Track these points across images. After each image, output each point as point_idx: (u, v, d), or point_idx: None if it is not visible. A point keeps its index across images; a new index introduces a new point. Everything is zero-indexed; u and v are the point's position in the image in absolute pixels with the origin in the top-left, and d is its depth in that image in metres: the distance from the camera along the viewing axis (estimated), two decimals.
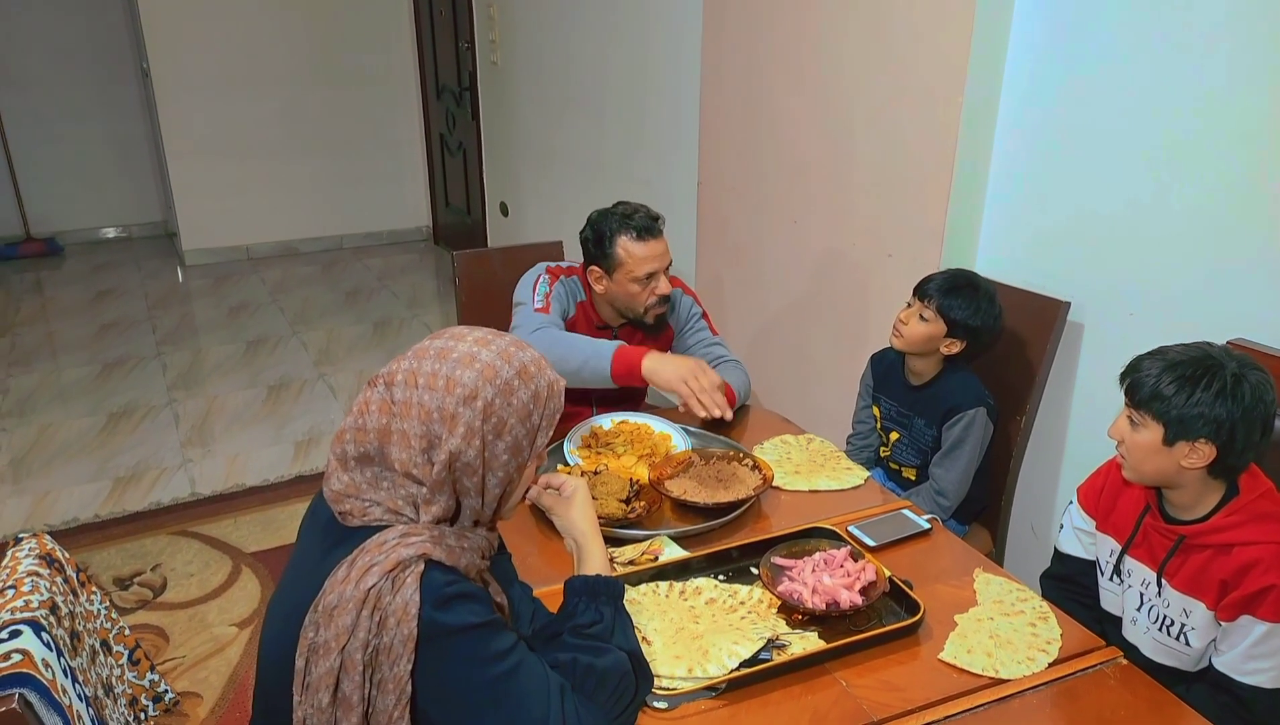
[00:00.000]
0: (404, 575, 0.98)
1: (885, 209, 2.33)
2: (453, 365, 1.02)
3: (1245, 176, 1.67)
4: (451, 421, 1.01)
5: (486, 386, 1.02)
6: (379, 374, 1.06)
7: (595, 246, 2.02)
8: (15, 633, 1.02)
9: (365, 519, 1.03)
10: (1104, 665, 1.28)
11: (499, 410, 1.03)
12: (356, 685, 0.98)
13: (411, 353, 1.06)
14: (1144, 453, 1.34)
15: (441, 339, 1.07)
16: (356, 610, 0.97)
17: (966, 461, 1.91)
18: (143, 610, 2.52)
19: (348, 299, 5.15)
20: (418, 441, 1.02)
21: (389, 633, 0.97)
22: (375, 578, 0.97)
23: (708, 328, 2.19)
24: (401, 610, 0.97)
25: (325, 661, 0.98)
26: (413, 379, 1.03)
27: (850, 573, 1.38)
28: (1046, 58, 1.99)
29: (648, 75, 3.37)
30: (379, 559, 0.98)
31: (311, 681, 0.99)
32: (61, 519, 2.98)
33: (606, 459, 1.78)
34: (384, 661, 0.98)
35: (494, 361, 1.04)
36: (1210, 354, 1.30)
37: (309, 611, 1.00)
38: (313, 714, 1.00)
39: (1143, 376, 1.32)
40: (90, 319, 4.80)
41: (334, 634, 0.97)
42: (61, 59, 5.67)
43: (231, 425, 3.67)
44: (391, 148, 6.09)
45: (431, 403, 1.01)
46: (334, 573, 1.00)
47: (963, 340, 1.89)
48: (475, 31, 4.83)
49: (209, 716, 2.14)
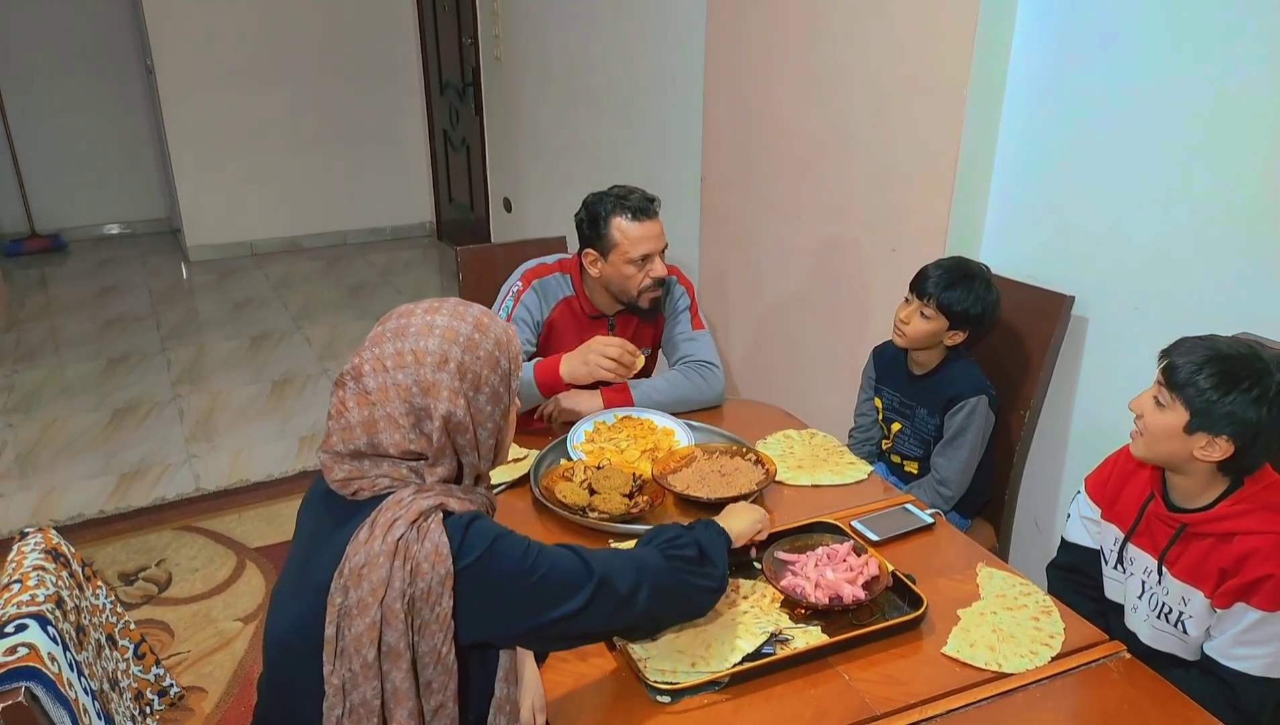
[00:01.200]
0: (427, 524, 1.02)
1: (889, 203, 2.32)
2: (414, 339, 1.06)
3: (1251, 171, 1.67)
4: (433, 389, 1.04)
5: (452, 347, 1.06)
6: (343, 373, 1.09)
7: (590, 228, 2.01)
8: (21, 627, 1.02)
9: (375, 490, 1.07)
10: (1107, 659, 1.28)
11: (471, 365, 1.07)
12: (401, 633, 1.01)
13: (368, 343, 1.08)
14: (1162, 434, 1.32)
15: (392, 321, 1.09)
16: (389, 562, 1.00)
17: (968, 451, 1.91)
18: (147, 605, 2.53)
19: (351, 295, 5.15)
20: (405, 419, 1.05)
21: (424, 578, 1.01)
22: (401, 528, 1.01)
23: (689, 321, 2.16)
24: (433, 553, 1.01)
25: (363, 619, 1.01)
26: (380, 365, 1.05)
27: (853, 567, 1.38)
28: (1051, 50, 1.99)
29: (651, 70, 3.36)
30: (400, 513, 1.02)
31: (346, 646, 1.02)
32: (66, 514, 2.99)
33: (610, 454, 1.78)
34: (423, 607, 1.01)
35: (450, 323, 1.08)
36: (1260, 356, 1.27)
37: (334, 578, 1.03)
38: (354, 675, 1.02)
39: (1184, 360, 1.29)
40: (94, 315, 4.81)
41: (369, 589, 1.00)
42: (66, 55, 5.67)
43: (236, 421, 3.68)
44: (395, 143, 6.09)
45: (407, 379, 1.04)
46: (354, 538, 1.03)
47: (965, 330, 1.89)
48: (479, 26, 4.82)
49: (214, 711, 2.15)
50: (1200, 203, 1.75)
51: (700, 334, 2.14)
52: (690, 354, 2.10)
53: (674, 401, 2.01)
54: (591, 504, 1.58)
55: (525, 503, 1.67)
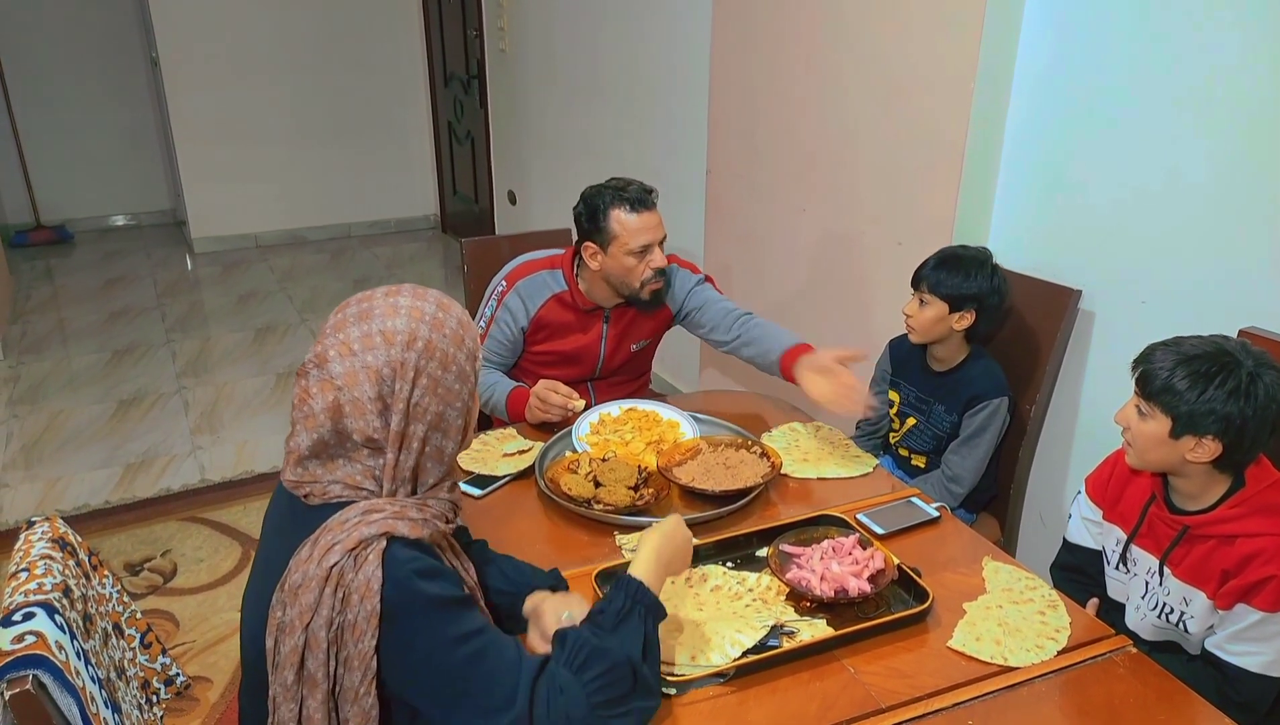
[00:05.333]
0: (366, 553, 0.98)
1: (895, 196, 2.32)
2: (380, 321, 1.04)
3: (1258, 165, 1.66)
4: (401, 368, 1.02)
5: (420, 326, 1.04)
6: (304, 363, 1.06)
7: (589, 221, 2.01)
8: (29, 615, 1.02)
9: (326, 497, 1.04)
10: (1113, 654, 1.28)
11: (438, 343, 1.05)
12: (321, 663, 0.98)
13: (329, 330, 1.06)
14: (1149, 443, 1.33)
15: (353, 306, 1.07)
16: (319, 588, 0.97)
17: (984, 451, 1.91)
18: (153, 596, 2.54)
19: (356, 287, 5.07)
20: (372, 404, 1.02)
21: (352, 609, 0.98)
22: (337, 555, 0.98)
23: (715, 292, 2.15)
24: (364, 587, 0.97)
25: (290, 639, 0.99)
26: (346, 349, 1.03)
27: (859, 560, 1.38)
28: (1059, 43, 1.98)
29: (657, 62, 3.36)
30: (340, 537, 0.99)
31: (279, 660, 1.00)
32: (72, 505, 3.00)
33: (615, 446, 1.78)
34: (349, 639, 0.98)
35: (414, 303, 1.06)
36: (1227, 350, 1.28)
37: (276, 591, 1.01)
38: (280, 692, 1.01)
39: (1155, 368, 1.31)
40: (100, 306, 4.82)
41: (298, 612, 0.98)
42: (71, 47, 5.68)
43: (241, 412, 3.68)
44: (399, 136, 6.09)
45: (376, 361, 1.02)
46: (298, 552, 1.00)
47: (970, 311, 1.89)
48: (484, 19, 4.81)
49: (219, 700, 2.16)
50: (1209, 197, 1.75)
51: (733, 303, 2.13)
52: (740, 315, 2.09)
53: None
54: (596, 496, 1.58)
55: (530, 494, 1.67)
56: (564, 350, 2.13)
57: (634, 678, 1.05)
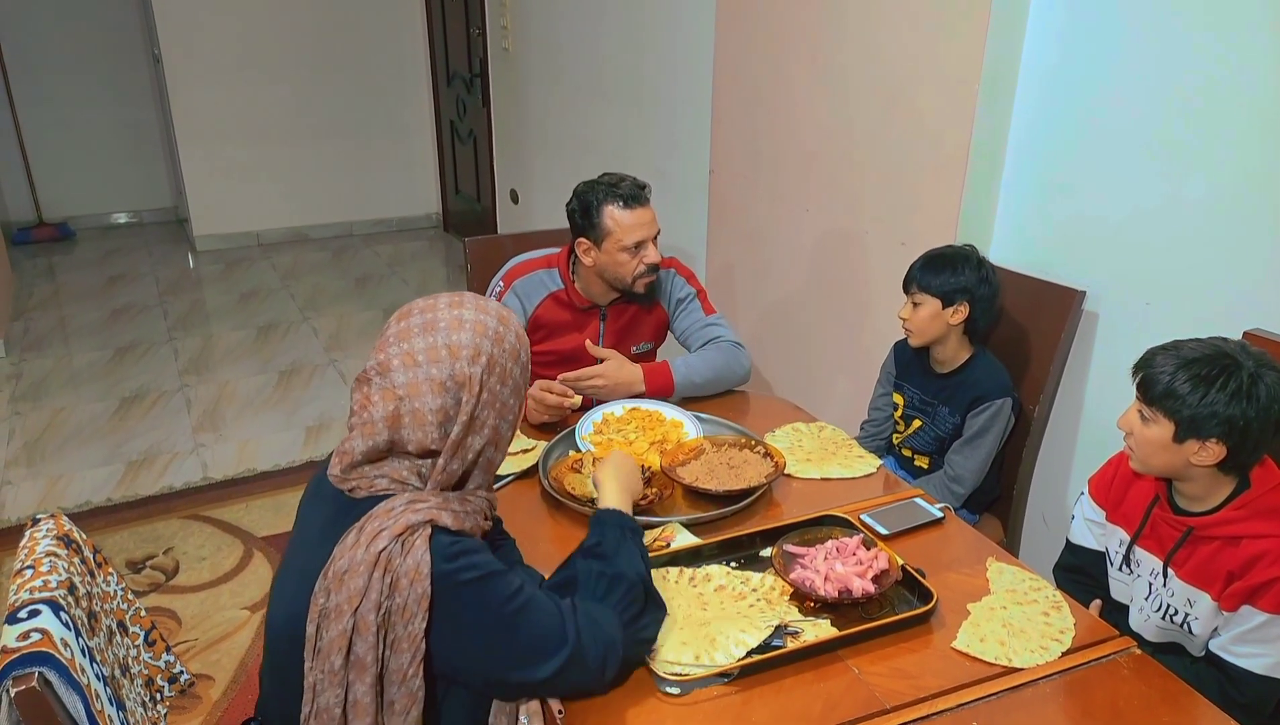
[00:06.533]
0: (413, 538, 1.01)
1: (899, 196, 2.32)
2: (445, 333, 1.06)
3: (1263, 166, 1.66)
4: (469, 383, 1.05)
5: (484, 341, 1.07)
6: (366, 369, 1.08)
7: (582, 218, 2.01)
8: (34, 612, 1.02)
9: (372, 490, 1.07)
10: (1117, 655, 1.28)
11: (499, 358, 1.08)
12: (370, 646, 1.00)
13: (393, 338, 1.07)
14: (1153, 448, 1.33)
15: (416, 316, 1.08)
16: (368, 573, 0.99)
17: (987, 451, 1.91)
18: (155, 593, 2.54)
19: (358, 285, 5.15)
20: (433, 416, 1.05)
21: (401, 593, 1.00)
22: (385, 541, 1.00)
23: (700, 308, 2.16)
24: (414, 571, 1.00)
25: (337, 625, 1.00)
26: (410, 360, 1.05)
27: (863, 561, 1.37)
28: (1064, 45, 1.97)
29: (660, 61, 3.35)
30: (388, 524, 1.01)
31: (323, 646, 1.01)
32: (74, 502, 3.00)
33: (618, 446, 1.78)
34: (397, 622, 1.01)
35: (478, 317, 1.08)
36: (1227, 352, 1.28)
37: (319, 578, 1.02)
38: (324, 678, 1.02)
39: (1156, 372, 1.30)
40: (102, 304, 4.82)
41: (346, 597, 0.99)
42: (74, 45, 5.68)
43: (243, 410, 3.69)
44: (402, 134, 6.09)
45: (441, 373, 1.04)
46: (343, 539, 1.02)
47: (963, 303, 1.89)
48: (486, 17, 4.81)
49: (221, 698, 2.16)
50: (1213, 199, 1.74)
51: (718, 318, 2.15)
52: (718, 337, 2.10)
53: (709, 379, 2.02)
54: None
55: (534, 494, 1.67)
56: (562, 349, 2.13)
57: (645, 592, 1.19)
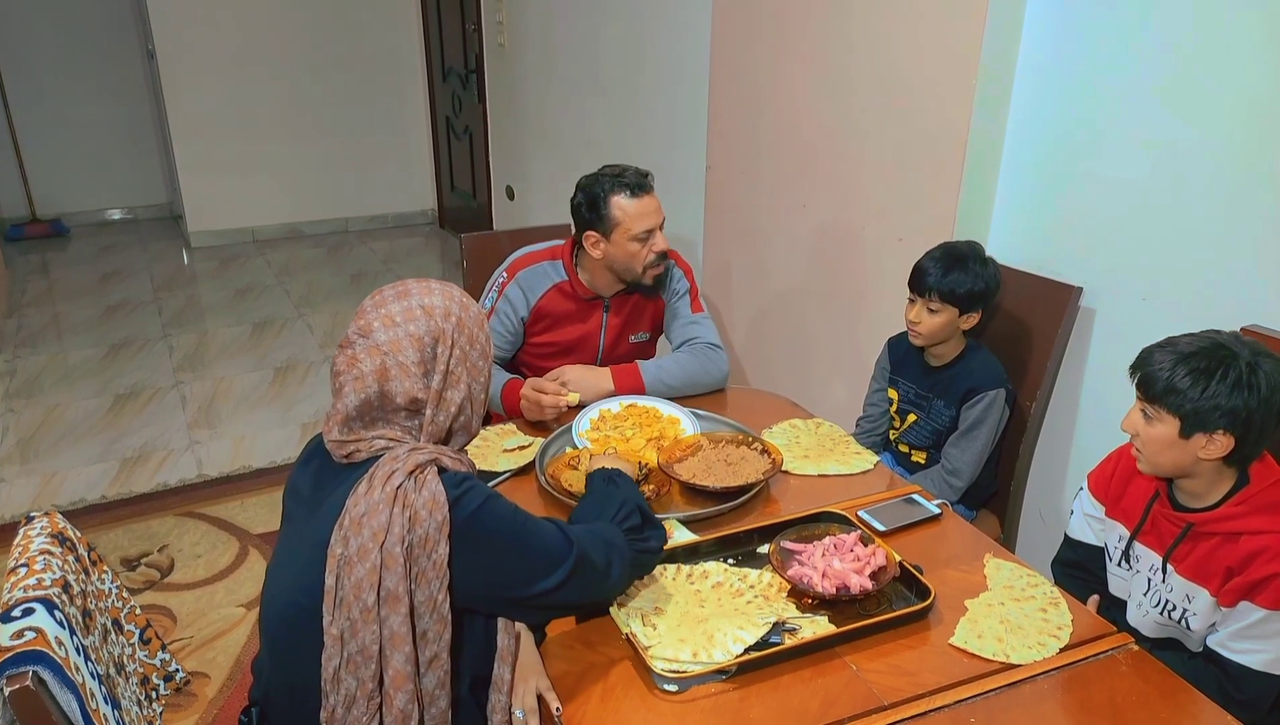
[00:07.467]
0: (424, 474, 1.09)
1: (896, 192, 2.31)
2: (419, 297, 1.16)
3: (1259, 162, 1.66)
4: (443, 337, 1.14)
5: (453, 305, 1.17)
6: (348, 335, 1.15)
7: (589, 210, 2.01)
8: (28, 610, 1.02)
9: (371, 450, 1.13)
10: (1115, 651, 1.28)
11: (468, 322, 1.18)
12: (400, 578, 1.06)
13: (370, 307, 1.16)
14: (1160, 446, 1.33)
15: (389, 289, 1.18)
16: (389, 509, 1.06)
17: (982, 443, 1.91)
18: (150, 591, 2.53)
19: (353, 282, 5.14)
20: (415, 367, 1.13)
21: (421, 525, 1.07)
22: (399, 478, 1.07)
23: (689, 306, 2.17)
24: (431, 501, 1.07)
25: (363, 565, 1.05)
26: (389, 321, 1.13)
27: (860, 557, 1.37)
28: (1061, 39, 1.97)
29: (656, 57, 3.35)
30: (397, 466, 1.09)
31: (345, 594, 1.06)
32: (69, 500, 2.99)
33: (615, 442, 1.78)
34: (420, 554, 1.07)
35: (444, 288, 1.19)
36: (1222, 343, 1.28)
37: (334, 531, 1.07)
38: (353, 623, 1.06)
39: (1155, 370, 1.31)
40: (96, 300, 4.80)
41: (370, 535, 1.05)
42: (68, 40, 5.65)
43: (238, 407, 3.68)
44: (397, 131, 6.07)
45: (418, 330, 1.13)
46: (354, 491, 1.08)
47: (976, 310, 1.89)
48: (482, 13, 4.80)
49: (217, 696, 2.16)
50: (1210, 194, 1.74)
51: (702, 317, 2.15)
52: (695, 337, 2.11)
53: (682, 382, 2.02)
54: None
55: (531, 490, 1.67)
56: (564, 340, 2.14)
57: (642, 514, 1.31)
